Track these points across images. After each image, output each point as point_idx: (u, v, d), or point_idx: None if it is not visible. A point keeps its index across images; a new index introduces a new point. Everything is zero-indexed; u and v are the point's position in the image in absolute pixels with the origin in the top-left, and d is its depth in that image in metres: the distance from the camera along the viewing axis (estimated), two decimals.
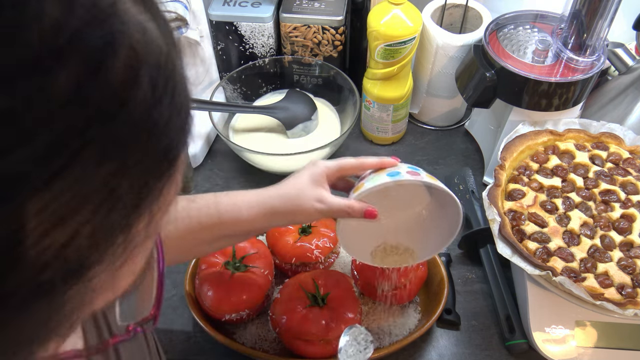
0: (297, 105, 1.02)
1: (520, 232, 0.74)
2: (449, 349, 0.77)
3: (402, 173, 0.61)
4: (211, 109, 0.95)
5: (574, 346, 0.73)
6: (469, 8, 0.98)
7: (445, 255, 0.86)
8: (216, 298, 0.74)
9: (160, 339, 0.78)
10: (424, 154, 1.03)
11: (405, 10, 0.88)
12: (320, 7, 0.99)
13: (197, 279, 0.78)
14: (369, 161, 0.64)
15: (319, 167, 0.63)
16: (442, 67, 0.97)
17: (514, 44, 0.88)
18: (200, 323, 0.74)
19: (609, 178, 0.79)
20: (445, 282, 0.77)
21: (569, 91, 0.83)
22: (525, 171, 0.81)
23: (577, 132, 0.86)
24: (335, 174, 0.63)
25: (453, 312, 0.79)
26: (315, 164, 0.63)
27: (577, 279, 0.69)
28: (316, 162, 0.64)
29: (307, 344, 0.70)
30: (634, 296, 0.68)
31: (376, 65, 0.94)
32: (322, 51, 1.03)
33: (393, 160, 0.64)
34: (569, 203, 0.77)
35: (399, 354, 0.76)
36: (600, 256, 0.72)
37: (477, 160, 1.02)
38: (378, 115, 0.99)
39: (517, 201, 0.77)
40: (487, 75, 0.85)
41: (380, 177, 0.61)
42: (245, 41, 1.03)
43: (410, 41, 0.89)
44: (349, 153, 1.03)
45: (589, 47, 0.83)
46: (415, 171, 0.62)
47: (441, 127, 1.08)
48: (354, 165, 0.64)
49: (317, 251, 0.79)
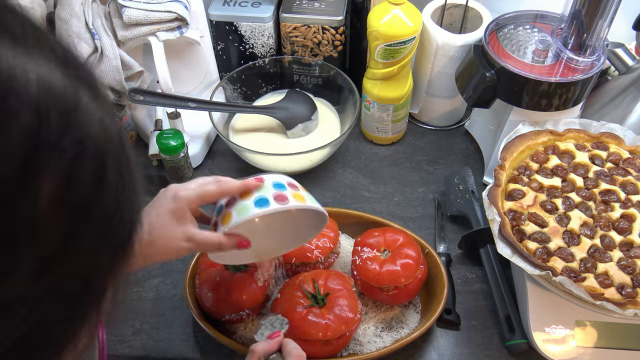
0: (297, 105, 1.02)
1: (520, 232, 0.74)
2: (449, 349, 0.77)
3: (269, 200, 0.60)
4: (211, 109, 0.95)
5: (574, 346, 0.73)
6: (469, 8, 0.98)
7: (445, 255, 0.86)
8: (216, 298, 0.74)
9: (161, 339, 0.79)
10: (424, 154, 1.03)
11: (405, 10, 0.88)
12: (320, 7, 0.99)
13: (197, 279, 0.78)
14: (231, 186, 0.62)
15: (180, 202, 0.60)
16: (442, 67, 0.97)
17: (514, 44, 0.88)
18: (200, 323, 0.74)
19: (609, 178, 0.79)
20: (445, 282, 0.77)
21: (569, 91, 0.83)
22: (525, 171, 0.81)
23: (577, 132, 0.86)
24: (197, 204, 0.61)
25: (453, 312, 0.79)
26: (175, 198, 0.60)
27: (577, 279, 0.69)
28: (175, 194, 0.61)
29: (307, 344, 0.70)
30: (634, 296, 0.68)
31: (376, 65, 0.94)
32: (322, 51, 1.03)
33: (257, 182, 0.62)
34: (569, 203, 0.77)
35: (399, 354, 0.76)
36: (600, 256, 0.72)
37: (477, 160, 1.02)
38: (378, 115, 0.99)
39: (517, 201, 0.77)
40: (487, 75, 0.85)
41: (247, 208, 0.60)
42: (245, 41, 1.03)
43: (410, 41, 0.89)
44: (349, 153, 1.03)
45: (589, 47, 0.83)
46: (281, 192, 0.61)
47: (441, 127, 1.08)
48: (216, 193, 0.62)
49: (317, 251, 0.79)
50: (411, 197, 0.96)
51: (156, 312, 0.82)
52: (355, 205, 0.94)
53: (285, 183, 0.63)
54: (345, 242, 0.87)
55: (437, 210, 0.93)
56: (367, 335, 0.76)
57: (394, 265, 0.75)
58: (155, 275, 0.86)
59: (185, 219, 0.60)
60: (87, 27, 0.89)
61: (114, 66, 0.90)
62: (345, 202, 0.95)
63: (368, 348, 0.75)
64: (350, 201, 0.96)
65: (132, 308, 0.82)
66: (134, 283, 0.85)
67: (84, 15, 0.89)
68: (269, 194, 0.61)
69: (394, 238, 0.79)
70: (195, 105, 0.93)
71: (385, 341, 0.76)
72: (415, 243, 0.79)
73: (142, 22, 0.90)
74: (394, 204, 0.95)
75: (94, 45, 0.89)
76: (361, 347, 0.75)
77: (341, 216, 0.87)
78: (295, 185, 0.65)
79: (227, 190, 0.62)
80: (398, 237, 0.79)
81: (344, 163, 1.02)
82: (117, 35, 0.91)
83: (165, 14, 0.90)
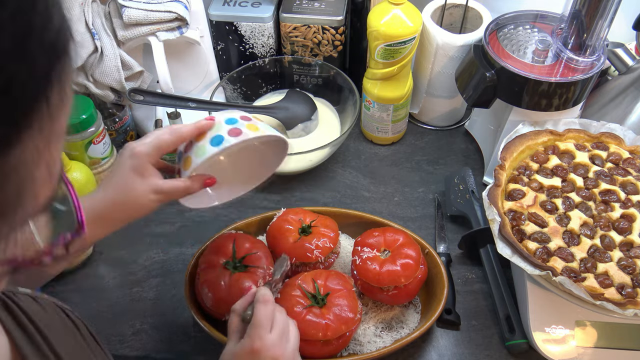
0: (297, 105, 1.02)
1: (520, 232, 0.74)
2: (449, 349, 0.77)
3: (224, 136, 0.61)
4: (211, 109, 0.95)
5: (574, 346, 0.73)
6: (469, 8, 0.98)
7: (445, 255, 0.86)
8: (216, 298, 0.74)
9: (161, 339, 0.79)
10: (424, 154, 1.03)
11: (405, 10, 0.88)
12: (320, 7, 0.99)
13: (197, 279, 0.78)
14: (185, 131, 0.62)
15: (139, 157, 0.60)
16: (442, 67, 0.97)
17: (514, 44, 0.88)
18: (200, 323, 0.74)
19: (609, 178, 0.79)
20: (445, 282, 0.77)
21: (569, 91, 0.83)
22: (525, 171, 0.81)
23: (577, 132, 0.86)
24: (156, 156, 0.61)
25: (453, 312, 0.79)
26: (133, 155, 0.60)
27: (577, 279, 0.69)
28: (132, 151, 0.61)
29: (307, 344, 0.70)
30: (634, 296, 0.68)
31: (376, 65, 0.94)
32: (322, 51, 1.03)
33: (209, 122, 0.63)
34: (569, 203, 0.77)
35: (399, 354, 0.76)
36: (600, 256, 0.72)
37: (477, 160, 1.02)
38: (378, 115, 0.99)
39: (517, 201, 0.77)
40: (487, 75, 0.85)
41: (204, 149, 0.61)
42: (245, 41, 1.03)
43: (410, 41, 0.89)
44: (349, 153, 1.03)
45: (589, 47, 0.83)
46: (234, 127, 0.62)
47: (441, 127, 1.08)
48: (172, 141, 0.62)
49: (317, 251, 0.79)
50: (411, 197, 0.96)
51: (156, 312, 0.82)
52: (355, 205, 0.94)
53: (237, 117, 0.64)
54: (345, 242, 0.87)
55: (437, 210, 0.93)
56: (367, 335, 0.76)
57: (394, 265, 0.75)
58: (155, 275, 0.86)
59: (147, 173, 0.60)
60: (87, 27, 0.89)
61: (114, 66, 0.90)
62: (345, 202, 0.95)
63: (368, 348, 0.75)
64: (350, 201, 0.96)
65: (132, 308, 0.82)
66: (134, 283, 0.85)
67: (84, 15, 0.89)
68: (223, 130, 0.62)
69: (394, 238, 0.79)
70: (195, 105, 0.93)
71: (385, 341, 0.76)
72: (415, 243, 0.79)
73: (142, 22, 0.90)
74: (394, 204, 0.95)
75: (94, 45, 0.89)
76: (361, 347, 0.75)
77: (341, 216, 0.87)
78: (247, 117, 0.65)
79: (182, 135, 0.62)
80: (398, 237, 0.79)
81: (344, 163, 1.02)
82: (117, 35, 0.91)
83: (165, 14, 0.90)
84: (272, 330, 0.59)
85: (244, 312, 0.63)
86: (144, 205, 0.60)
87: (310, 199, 0.96)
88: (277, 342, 0.59)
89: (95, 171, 0.93)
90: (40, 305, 0.50)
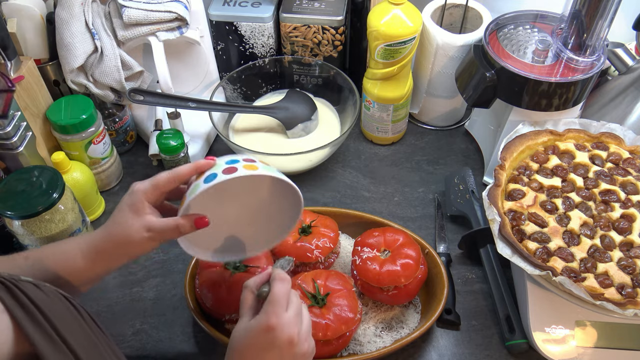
0: (297, 105, 1.02)
1: (520, 232, 0.74)
2: (449, 349, 0.77)
3: (217, 174, 0.59)
4: (211, 109, 0.95)
5: (574, 346, 0.73)
6: (469, 8, 0.98)
7: (445, 255, 0.86)
8: (216, 298, 0.74)
9: (161, 339, 0.79)
10: (424, 154, 1.03)
11: (405, 10, 0.88)
12: (320, 7, 0.99)
13: (197, 279, 0.78)
14: (182, 170, 0.61)
15: (136, 194, 0.60)
16: (442, 67, 0.97)
17: (514, 44, 0.88)
18: (200, 323, 0.74)
19: (609, 178, 0.79)
20: (445, 282, 0.77)
21: (569, 91, 0.83)
22: (525, 171, 0.81)
23: (577, 132, 0.86)
24: (154, 194, 0.61)
25: (453, 312, 0.79)
26: (131, 193, 0.61)
27: (577, 279, 0.69)
28: (132, 189, 0.61)
29: None
30: (634, 296, 0.68)
31: (376, 65, 0.94)
32: (322, 51, 1.03)
33: (208, 161, 0.62)
34: (569, 203, 0.77)
35: (399, 354, 0.76)
36: (600, 256, 0.72)
37: (477, 160, 1.02)
38: (378, 115, 0.99)
39: (517, 201, 0.77)
40: (487, 75, 0.85)
41: (197, 186, 0.59)
42: (245, 41, 1.03)
43: (410, 41, 0.89)
44: (349, 153, 1.03)
45: (589, 47, 0.83)
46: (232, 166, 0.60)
47: (441, 127, 1.08)
48: (169, 179, 0.61)
49: (317, 251, 0.79)
50: (411, 197, 0.96)
51: (156, 312, 0.82)
52: (355, 205, 0.94)
53: (240, 159, 0.62)
54: (345, 242, 0.87)
55: (437, 210, 0.93)
56: (367, 335, 0.76)
57: (394, 265, 0.75)
58: (155, 275, 0.86)
59: (143, 210, 0.60)
60: (87, 27, 0.89)
61: (114, 66, 0.90)
62: (345, 202, 0.95)
63: (368, 348, 0.75)
64: (350, 201, 0.96)
65: (132, 308, 0.82)
66: (134, 283, 0.85)
67: (84, 15, 0.89)
68: (219, 169, 0.60)
69: (394, 238, 0.79)
70: (195, 105, 0.93)
71: (385, 341, 0.76)
72: (415, 243, 0.79)
73: (142, 22, 0.90)
74: (394, 204, 0.95)
75: (94, 45, 0.89)
76: (361, 347, 0.75)
77: (341, 216, 0.87)
78: (250, 159, 0.62)
79: (179, 174, 0.61)
80: (398, 237, 0.79)
81: (344, 163, 1.02)
82: (117, 35, 0.91)
83: (165, 14, 0.90)
84: (289, 309, 0.59)
85: (259, 289, 0.62)
86: (139, 243, 0.60)
87: (310, 199, 0.96)
88: (292, 320, 0.58)
89: (95, 171, 0.94)
90: (43, 292, 0.50)
